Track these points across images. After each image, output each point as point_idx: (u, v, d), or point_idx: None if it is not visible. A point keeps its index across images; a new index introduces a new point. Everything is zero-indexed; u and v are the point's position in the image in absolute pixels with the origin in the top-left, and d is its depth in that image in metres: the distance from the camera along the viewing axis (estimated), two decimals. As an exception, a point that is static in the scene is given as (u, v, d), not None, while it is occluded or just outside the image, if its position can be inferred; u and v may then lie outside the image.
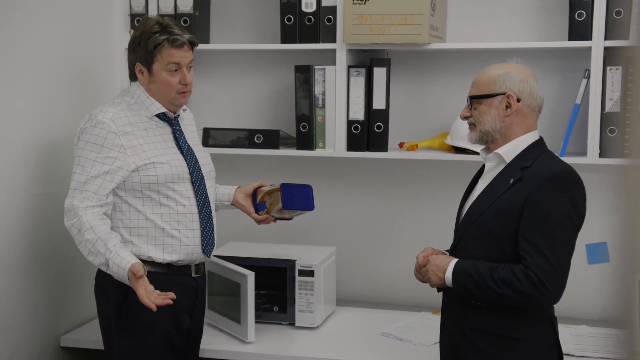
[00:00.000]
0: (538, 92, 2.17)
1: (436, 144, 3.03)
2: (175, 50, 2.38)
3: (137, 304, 2.34)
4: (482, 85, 2.17)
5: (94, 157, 2.32)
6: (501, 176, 2.16)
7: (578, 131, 2.82)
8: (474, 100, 2.18)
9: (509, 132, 2.16)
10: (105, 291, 2.42)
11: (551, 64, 2.97)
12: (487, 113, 2.15)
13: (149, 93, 2.43)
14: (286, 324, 2.88)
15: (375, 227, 3.25)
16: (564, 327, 2.78)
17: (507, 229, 2.08)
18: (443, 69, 3.09)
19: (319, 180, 3.26)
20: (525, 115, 2.16)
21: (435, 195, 3.12)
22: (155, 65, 2.39)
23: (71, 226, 2.31)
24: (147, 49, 2.37)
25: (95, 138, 2.33)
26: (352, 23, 2.83)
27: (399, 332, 2.82)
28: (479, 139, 2.20)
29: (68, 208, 2.32)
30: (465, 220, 2.21)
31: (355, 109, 2.94)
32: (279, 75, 3.23)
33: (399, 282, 3.19)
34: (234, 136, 3.10)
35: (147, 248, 2.39)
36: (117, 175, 2.34)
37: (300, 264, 2.83)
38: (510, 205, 2.08)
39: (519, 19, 3.00)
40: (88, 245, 2.28)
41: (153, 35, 2.36)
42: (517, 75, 2.15)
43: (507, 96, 2.13)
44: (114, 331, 2.40)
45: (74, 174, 2.34)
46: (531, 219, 2.04)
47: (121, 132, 2.35)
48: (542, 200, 2.04)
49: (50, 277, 2.77)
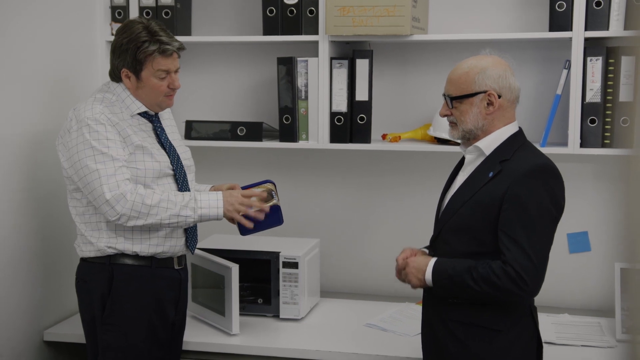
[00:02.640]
0: (515, 84, 2.19)
1: (419, 135, 3.06)
2: (165, 59, 2.39)
3: (121, 297, 2.38)
4: (461, 84, 2.17)
5: (106, 150, 2.32)
6: (481, 169, 2.17)
7: (559, 121, 2.86)
8: (454, 100, 2.19)
9: (491, 128, 2.18)
10: (88, 285, 2.45)
11: (532, 55, 3.01)
12: (469, 112, 2.16)
13: (135, 95, 2.45)
14: (270, 316, 2.91)
15: (358, 219, 3.28)
16: (545, 316, 2.85)
17: (486, 222, 2.10)
18: (425, 60, 3.11)
19: (302, 172, 3.29)
20: (506, 110, 2.18)
21: (419, 187, 3.15)
22: (144, 72, 2.40)
23: (129, 210, 2.29)
24: (136, 58, 2.38)
25: (97, 134, 2.33)
26: (334, 15, 2.85)
27: (383, 322, 2.85)
28: (462, 137, 2.21)
29: (114, 199, 2.29)
30: (445, 213, 2.23)
31: (338, 100, 2.96)
32: (262, 67, 3.24)
33: (383, 273, 3.20)
34: (216, 129, 3.12)
35: (132, 243, 2.42)
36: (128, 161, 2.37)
37: (284, 256, 2.86)
38: (490, 199, 2.10)
39: (500, 10, 3.03)
40: (162, 204, 2.31)
41: (142, 44, 2.36)
42: (494, 70, 2.15)
43: (489, 94, 2.14)
44: (99, 325, 2.42)
45: (94, 172, 2.30)
46: (510, 212, 2.06)
47: (112, 124, 2.38)
48: (520, 194, 2.06)
49: (33, 271, 2.79)
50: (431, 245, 2.31)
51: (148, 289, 2.44)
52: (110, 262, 2.42)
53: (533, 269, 2.03)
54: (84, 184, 2.34)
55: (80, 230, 2.46)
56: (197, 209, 2.34)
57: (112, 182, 2.30)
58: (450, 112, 2.21)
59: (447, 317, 2.20)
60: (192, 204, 2.34)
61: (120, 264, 2.42)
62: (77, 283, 2.51)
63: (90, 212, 2.42)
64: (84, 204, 2.43)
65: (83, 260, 2.49)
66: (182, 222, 2.36)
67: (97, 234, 2.42)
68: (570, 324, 2.86)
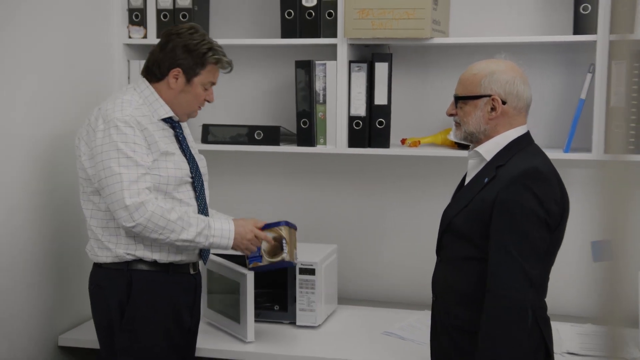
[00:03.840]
0: (525, 93, 2.15)
1: (439, 140, 3.04)
2: (217, 72, 2.50)
3: (141, 303, 2.38)
4: (468, 85, 2.17)
5: (132, 154, 2.32)
6: (479, 175, 2.17)
7: (583, 127, 2.82)
8: (459, 100, 2.18)
9: (493, 133, 2.16)
10: (105, 291, 2.44)
11: (555, 59, 2.98)
12: (472, 114, 2.15)
13: (168, 98, 2.45)
14: (287, 323, 2.89)
15: (376, 225, 3.25)
16: (569, 326, 2.81)
17: (480, 229, 2.09)
18: (445, 63, 3.09)
19: (320, 177, 3.27)
20: (511, 117, 2.15)
21: (438, 192, 3.09)
22: (198, 78, 2.45)
23: (146, 221, 2.29)
24: (200, 62, 2.42)
25: (125, 137, 2.32)
26: (353, 17, 2.84)
27: (401, 331, 2.83)
28: (464, 139, 2.21)
29: (134, 207, 2.28)
30: (443, 220, 2.24)
31: (356, 104, 2.95)
32: (279, 70, 3.23)
33: (402, 280, 3.20)
34: (233, 132, 3.12)
35: (152, 250, 2.42)
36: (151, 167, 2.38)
37: (301, 262, 2.82)
38: (482, 205, 2.09)
39: (523, 12, 3.00)
40: (179, 222, 2.32)
41: (211, 51, 2.44)
42: (503, 76, 2.13)
43: (492, 99, 2.13)
44: (117, 331, 2.42)
45: (117, 175, 2.30)
46: (498, 219, 2.04)
47: (141, 128, 2.37)
48: (508, 200, 2.04)
49: (48, 275, 2.79)
50: (436, 253, 2.31)
51: (166, 295, 2.45)
52: (128, 268, 2.42)
53: (522, 275, 2.01)
54: (104, 186, 2.33)
55: (95, 234, 2.44)
56: (210, 236, 2.38)
57: (134, 189, 2.29)
58: (455, 112, 2.21)
59: (450, 324, 2.19)
60: (206, 232, 2.37)
61: (139, 269, 2.42)
62: (92, 289, 2.51)
63: (109, 217, 2.41)
64: (102, 208, 2.42)
65: (98, 266, 2.48)
66: (192, 246, 2.41)
67: (115, 239, 2.41)
68: (595, 334, 2.81)
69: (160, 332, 2.44)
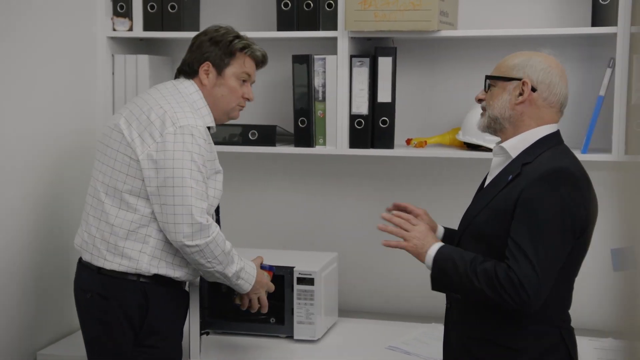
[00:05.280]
0: (559, 88, 2.14)
1: (447, 140, 3.02)
2: (251, 63, 2.51)
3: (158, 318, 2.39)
4: (502, 67, 2.18)
5: (203, 170, 2.33)
6: (504, 173, 2.16)
7: (602, 126, 2.80)
8: (489, 81, 2.19)
9: (519, 123, 2.14)
10: (110, 301, 2.37)
11: (572, 53, 2.96)
12: (499, 97, 2.14)
13: (208, 99, 2.46)
14: (284, 337, 2.86)
15: (380, 231, 3.19)
16: (587, 340, 2.80)
17: (501, 230, 2.07)
18: (454, 58, 3.08)
19: (319, 180, 3.27)
20: (540, 108, 2.13)
21: (446, 196, 3.10)
22: (229, 69, 2.46)
23: (206, 245, 2.30)
24: (227, 50, 2.45)
25: (199, 148, 2.32)
26: (355, 9, 2.83)
27: (406, 345, 2.80)
28: (487, 125, 2.19)
29: (200, 226, 2.28)
30: (464, 219, 2.23)
31: (358, 102, 2.93)
32: (275, 65, 3.18)
33: (407, 291, 3.17)
34: (226, 133, 3.09)
35: (174, 269, 2.40)
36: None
37: (299, 271, 2.82)
38: (505, 204, 2.08)
39: (537, 3, 2.99)
40: (228, 256, 2.37)
41: (237, 39, 2.47)
42: (540, 64, 2.13)
43: (523, 82, 2.12)
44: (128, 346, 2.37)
45: (188, 188, 2.28)
46: (520, 218, 2.03)
47: (209, 142, 2.39)
48: (531, 199, 2.02)
49: (26, 288, 2.75)
50: None
51: (176, 309, 2.47)
52: (139, 280, 2.37)
53: (536, 281, 1.98)
54: (169, 194, 2.28)
55: (114, 237, 2.35)
56: (240, 278, 2.44)
57: (203, 207, 2.30)
58: (484, 97, 2.20)
59: (465, 333, 2.18)
60: (241, 274, 2.43)
61: (151, 283, 2.38)
62: (89, 297, 2.41)
63: (144, 223, 2.34)
64: (141, 212, 2.34)
65: (101, 273, 2.38)
66: (220, 280, 2.43)
67: (139, 247, 2.35)
68: (615, 349, 2.74)
69: (177, 346, 2.48)
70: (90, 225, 2.39)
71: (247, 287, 2.46)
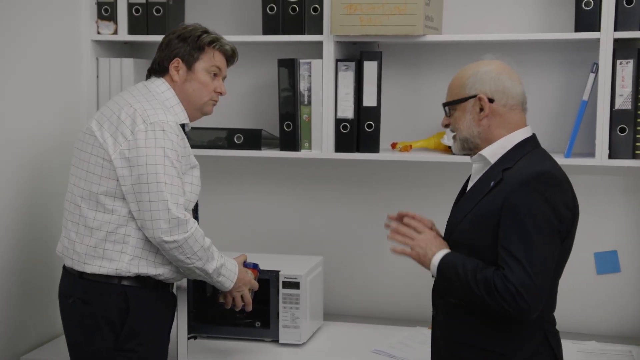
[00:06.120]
0: (514, 89, 2.14)
1: (432, 145, 3.02)
2: (221, 57, 2.51)
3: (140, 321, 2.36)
4: (454, 89, 2.18)
5: (178, 165, 2.32)
6: (484, 179, 2.16)
7: (585, 130, 2.81)
8: (449, 108, 2.19)
9: (490, 136, 2.15)
10: (93, 307, 2.35)
11: (556, 58, 2.96)
12: (462, 119, 2.16)
13: (180, 95, 2.46)
14: (269, 341, 2.86)
15: (366, 235, 3.22)
16: (570, 343, 2.80)
17: (485, 236, 2.07)
18: (439, 62, 3.07)
19: (304, 184, 3.26)
20: (504, 115, 2.14)
21: (431, 200, 3.09)
22: (199, 63, 2.46)
23: (184, 240, 2.28)
24: (195, 46, 2.45)
25: (171, 144, 2.31)
26: (340, 13, 2.82)
27: (391, 348, 2.81)
28: (461, 148, 2.20)
29: (178, 221, 2.26)
30: (447, 227, 2.23)
31: (344, 106, 2.93)
32: (261, 69, 3.21)
33: (392, 294, 3.17)
34: (211, 136, 3.08)
35: (155, 266, 2.38)
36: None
37: (285, 275, 2.81)
38: (489, 210, 2.07)
39: (522, 8, 2.99)
40: (208, 252, 2.36)
41: (205, 34, 2.48)
42: (487, 74, 2.13)
43: (479, 98, 2.13)
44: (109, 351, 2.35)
45: (162, 183, 2.26)
46: (507, 225, 2.03)
47: (182, 137, 2.38)
48: (517, 205, 2.02)
49: (8, 291, 2.72)
50: None
51: (159, 313, 2.44)
52: (120, 283, 2.35)
53: (532, 288, 1.98)
54: (144, 191, 2.26)
55: (94, 240, 2.33)
56: (220, 275, 2.42)
57: (178, 202, 2.29)
58: (449, 122, 2.21)
59: (452, 338, 2.18)
60: (222, 270, 2.42)
61: (131, 285, 2.36)
62: (71, 303, 2.39)
63: (121, 223, 2.32)
64: (118, 212, 2.32)
65: (82, 277, 2.36)
66: (202, 277, 2.41)
67: (120, 248, 2.33)
68: (599, 352, 2.79)
69: (160, 350, 2.45)
70: (69, 230, 2.38)
71: (229, 285, 2.44)
